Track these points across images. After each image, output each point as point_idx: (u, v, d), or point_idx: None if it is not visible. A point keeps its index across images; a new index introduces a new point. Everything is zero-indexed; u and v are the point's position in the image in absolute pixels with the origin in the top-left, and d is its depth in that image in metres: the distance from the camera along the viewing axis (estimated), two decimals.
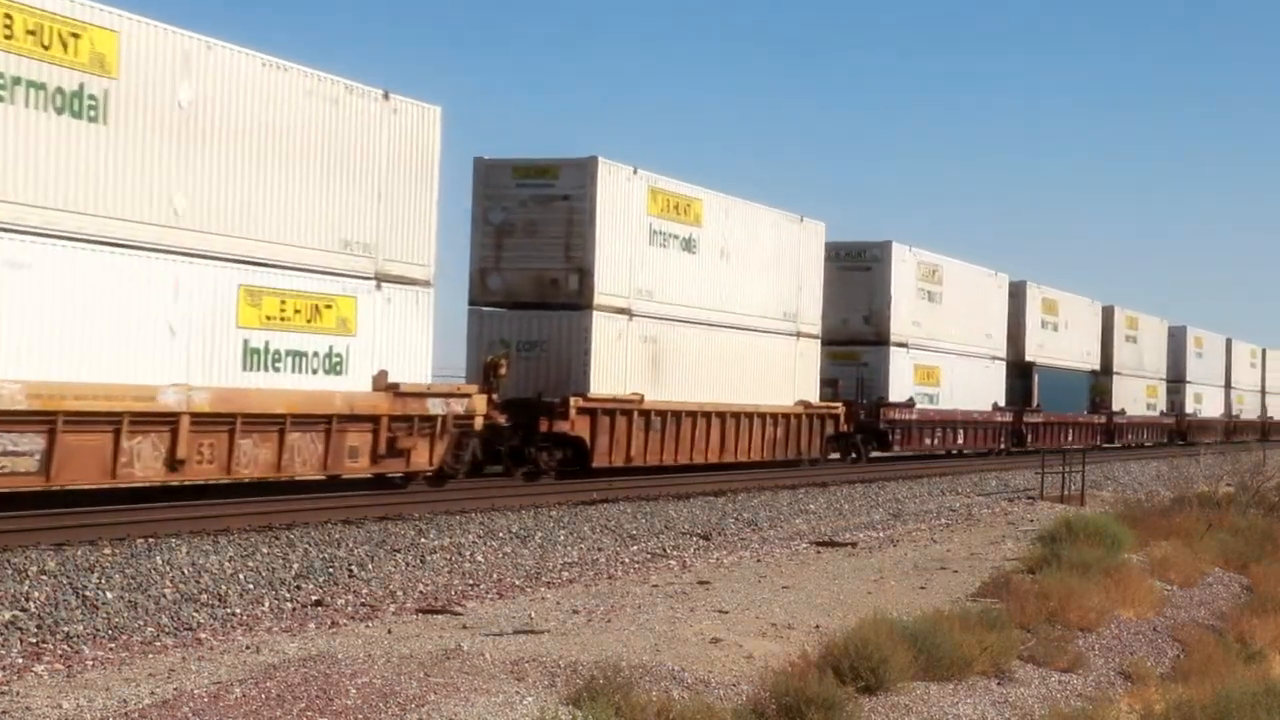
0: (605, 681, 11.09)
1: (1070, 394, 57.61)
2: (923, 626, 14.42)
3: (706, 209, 32.79)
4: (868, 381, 41.16)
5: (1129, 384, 65.55)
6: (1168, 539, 25.81)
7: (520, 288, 29.10)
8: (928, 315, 44.54)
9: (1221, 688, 14.36)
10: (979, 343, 48.63)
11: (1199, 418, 76.90)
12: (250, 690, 10.63)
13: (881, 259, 42.28)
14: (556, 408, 27.69)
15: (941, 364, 45.33)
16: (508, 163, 29.37)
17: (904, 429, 42.39)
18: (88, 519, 18.15)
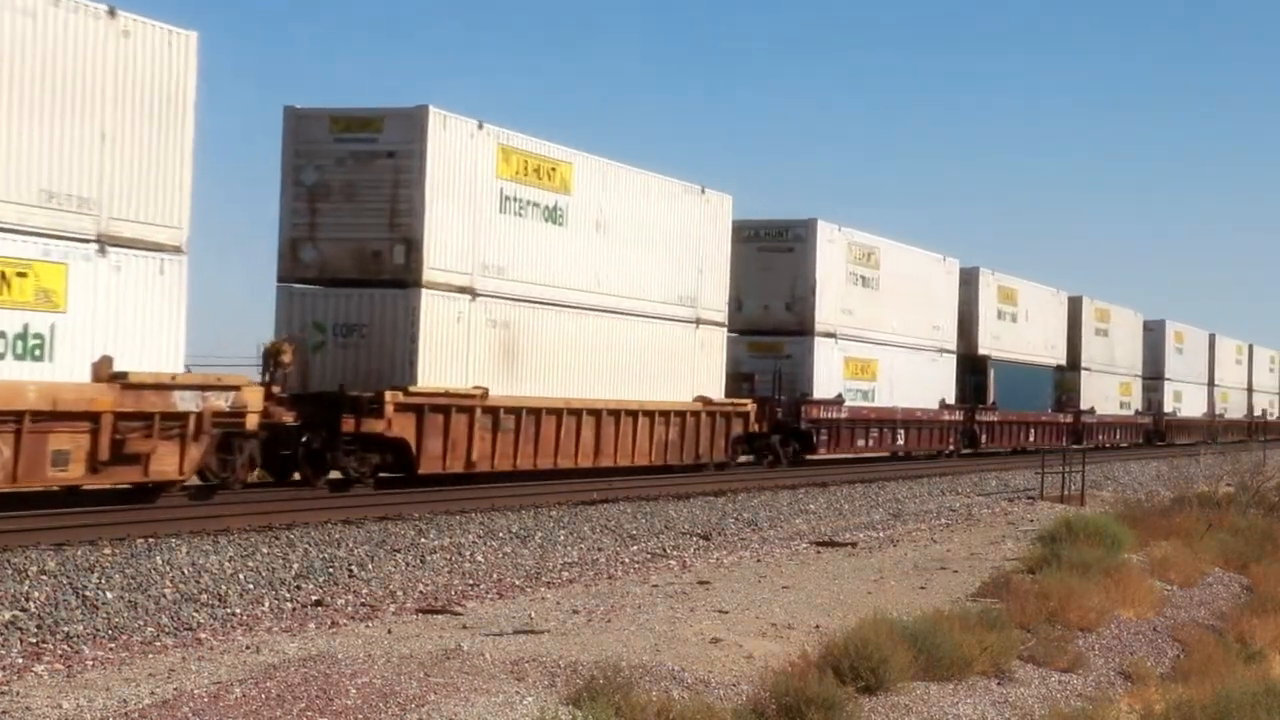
0: (605, 681, 11.09)
1: (1032, 391, 53.58)
2: (923, 626, 14.42)
3: (578, 174, 28.06)
4: (788, 375, 36.70)
5: (1100, 380, 61.26)
6: (1168, 539, 25.82)
7: (338, 261, 24.62)
8: (862, 302, 40.21)
9: (1221, 688, 14.36)
10: (924, 334, 44.37)
11: (1179, 417, 73.38)
12: (250, 690, 10.63)
13: (805, 239, 37.76)
14: (366, 403, 23.10)
15: (879, 357, 41.13)
16: (323, 113, 24.89)
17: (831, 429, 38.21)
18: (88, 519, 18.14)
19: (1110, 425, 62.59)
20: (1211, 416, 79.07)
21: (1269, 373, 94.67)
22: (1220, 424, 79.96)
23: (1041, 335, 54.82)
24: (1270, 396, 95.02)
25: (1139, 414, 66.95)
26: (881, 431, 41.43)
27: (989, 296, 50.36)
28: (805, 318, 37.67)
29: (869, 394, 40.52)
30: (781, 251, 37.79)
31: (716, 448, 32.74)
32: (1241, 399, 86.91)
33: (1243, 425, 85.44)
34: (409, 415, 23.71)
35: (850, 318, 39.49)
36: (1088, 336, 59.75)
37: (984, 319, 49.85)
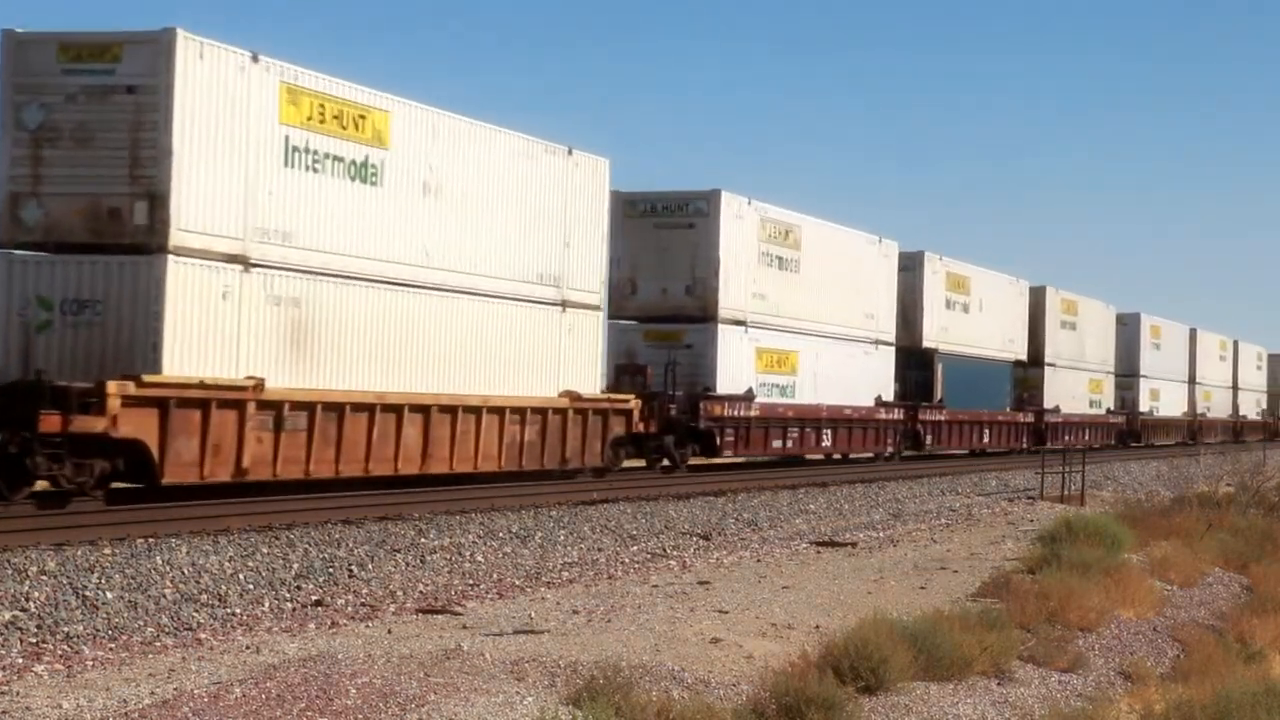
0: (605, 681, 11.09)
1: (987, 388, 49.48)
2: (923, 626, 14.42)
3: (396, 124, 23.67)
4: (687, 368, 32.61)
5: (1066, 377, 56.89)
6: (1168, 539, 25.82)
7: (67, 222, 20.11)
8: (778, 286, 35.73)
9: (1221, 688, 14.36)
10: (856, 324, 39.82)
11: (1156, 416, 69.07)
12: (250, 690, 10.63)
13: (708, 213, 33.13)
14: (79, 396, 18.64)
15: (799, 348, 36.56)
16: (51, 38, 20.41)
17: (739, 428, 33.82)
18: (88, 519, 18.15)
19: (1077, 425, 58.21)
20: (1192, 416, 75.26)
21: (1256, 370, 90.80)
22: (1202, 424, 76.32)
23: (998, 327, 50.62)
24: (1256, 395, 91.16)
25: (1111, 413, 62.80)
26: (804, 431, 37.12)
27: (935, 283, 46.04)
28: (708, 302, 33.32)
29: (788, 389, 36.26)
30: (681, 228, 33.32)
31: (590, 451, 28.24)
32: (1225, 398, 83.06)
33: (1227, 425, 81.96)
34: (148, 411, 19.28)
35: (763, 303, 35.11)
36: (1052, 329, 55.73)
37: (929, 308, 45.44)
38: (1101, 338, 61.94)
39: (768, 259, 35.50)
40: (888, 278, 42.12)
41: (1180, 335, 74.21)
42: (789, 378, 36.36)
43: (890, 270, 42.40)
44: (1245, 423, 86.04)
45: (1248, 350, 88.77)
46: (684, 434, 32.29)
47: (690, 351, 33.01)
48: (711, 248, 33.32)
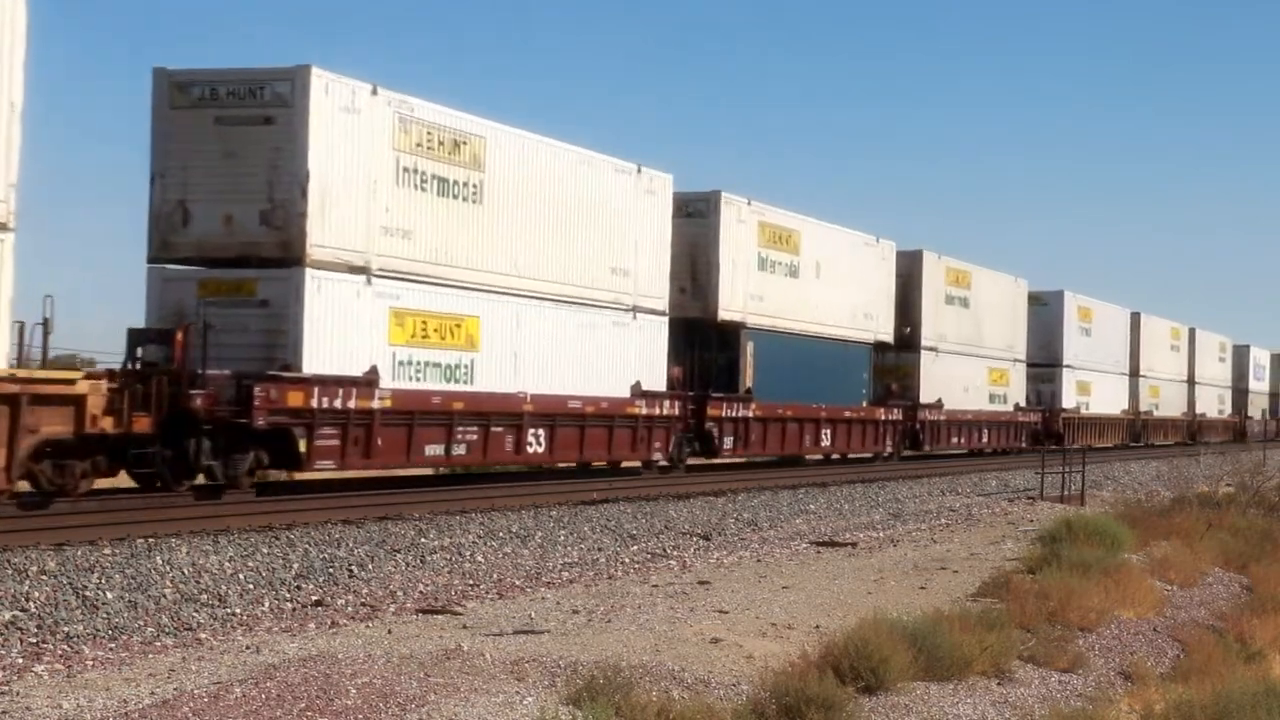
0: (605, 681, 11.09)
1: (830, 376, 38.81)
2: (923, 626, 14.41)
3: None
4: (258, 335, 22.27)
5: (953, 365, 46.71)
6: (1168, 539, 25.81)
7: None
8: (435, 222, 24.44)
9: (1221, 688, 14.36)
10: (590, 282, 28.46)
11: (1085, 414, 58.78)
12: (250, 690, 10.63)
13: (292, 103, 22.28)
14: None
15: (480, 312, 25.40)
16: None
17: (340, 427, 22.41)
18: (88, 519, 18.15)
19: (969, 424, 48.01)
20: (1135, 413, 65.72)
21: (1217, 362, 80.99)
22: (1147, 423, 67.39)
23: (849, 300, 39.94)
24: (1218, 391, 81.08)
25: (1021, 409, 52.91)
26: (488, 432, 25.56)
27: (743, 238, 34.71)
28: (292, 236, 22.27)
29: (459, 371, 25.04)
30: (255, 124, 22.49)
31: None
32: (1178, 393, 73.11)
33: (1180, 424, 73.00)
34: None
35: (406, 245, 23.91)
36: (933, 305, 45.60)
37: (733, 268, 34.21)
38: (1007, 319, 51.75)
39: (413, 180, 23.93)
40: (651, 224, 30.51)
41: (1118, 320, 64.55)
42: (462, 354, 25.06)
43: (660, 212, 30.86)
44: (1203, 422, 76.55)
45: (1207, 340, 78.60)
46: (234, 437, 21.15)
47: (265, 311, 22.35)
48: (300, 153, 22.20)
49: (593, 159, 28.89)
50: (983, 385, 49.70)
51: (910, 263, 44.79)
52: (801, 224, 37.94)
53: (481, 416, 25.47)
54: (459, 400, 24.88)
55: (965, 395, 47.59)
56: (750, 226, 35.14)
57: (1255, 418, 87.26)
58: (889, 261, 43.18)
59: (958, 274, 47.76)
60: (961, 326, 47.74)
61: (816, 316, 38.53)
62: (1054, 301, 57.35)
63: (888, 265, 43.08)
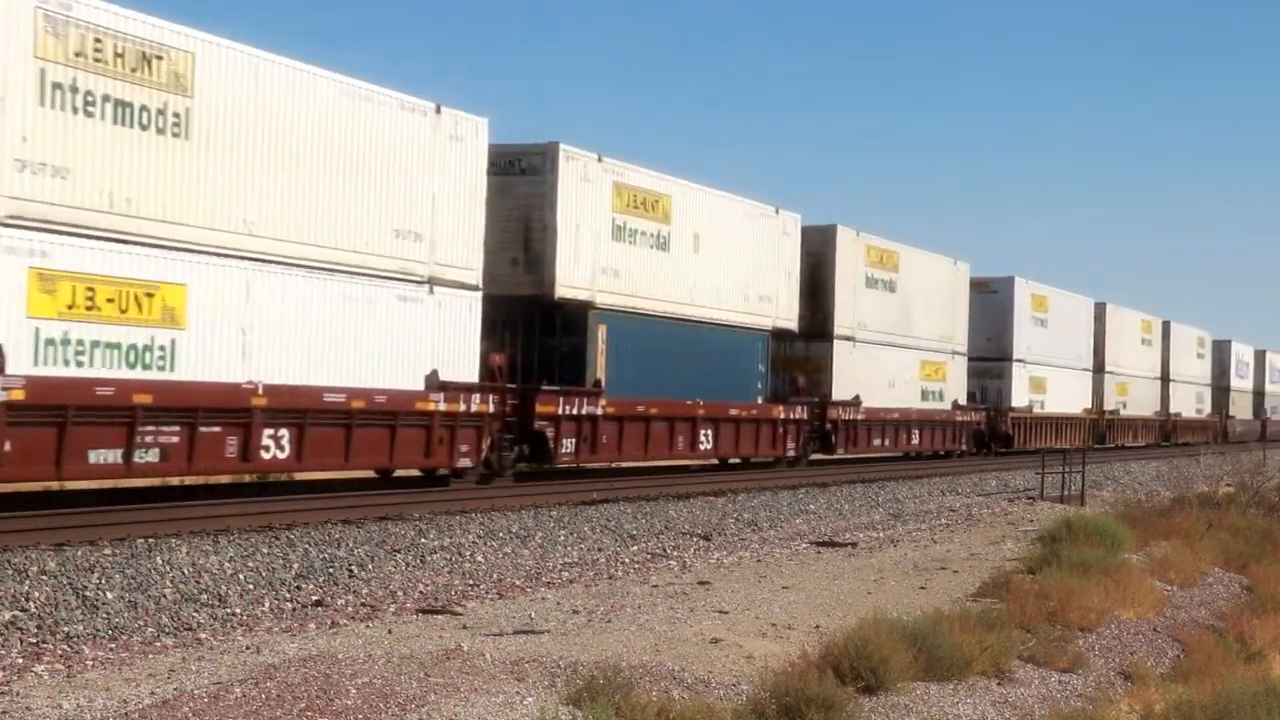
0: (605, 681, 11.09)
1: (717, 368, 32.83)
2: (923, 626, 14.41)
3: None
4: None
5: (875, 357, 40.64)
6: (1168, 539, 25.81)
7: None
8: (105, 156, 18.46)
9: (1221, 688, 14.35)
10: (364, 246, 22.71)
11: (1039, 413, 52.90)
12: (250, 690, 10.63)
13: None
14: None
15: (184, 278, 19.51)
16: None
17: None
18: (88, 519, 18.14)
19: (895, 423, 41.51)
20: (1099, 412, 59.81)
21: (1196, 359, 75.37)
22: (1114, 422, 61.59)
23: (735, 279, 33.72)
24: (1196, 389, 75.51)
25: (961, 408, 46.51)
26: (193, 431, 19.45)
27: (592, 201, 28.38)
28: None
29: (152, 353, 19.08)
30: None
31: None
32: (1150, 391, 67.52)
33: (1151, 425, 67.31)
34: None
35: (57, 186, 17.83)
36: (850, 289, 39.45)
37: (574, 236, 27.80)
38: (945, 306, 45.59)
39: (81, 102, 18.10)
40: (465, 177, 24.99)
41: (1079, 310, 58.61)
42: (157, 332, 19.16)
43: (470, 164, 25.21)
44: (1178, 422, 70.99)
45: (1184, 334, 72.78)
46: None
47: None
48: None
49: (371, 93, 22.88)
50: (913, 380, 43.21)
51: (821, 240, 38.26)
52: (674, 187, 31.12)
53: (184, 413, 19.29)
54: (145, 391, 18.70)
55: (891, 391, 41.40)
56: (601, 187, 28.74)
57: (1238, 417, 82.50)
58: (793, 237, 36.62)
59: (882, 254, 41.26)
60: (886, 313, 41.33)
61: (695, 298, 32.07)
62: (1003, 288, 51.23)
63: (791, 241, 36.51)
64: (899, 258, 42.42)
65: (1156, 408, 68.29)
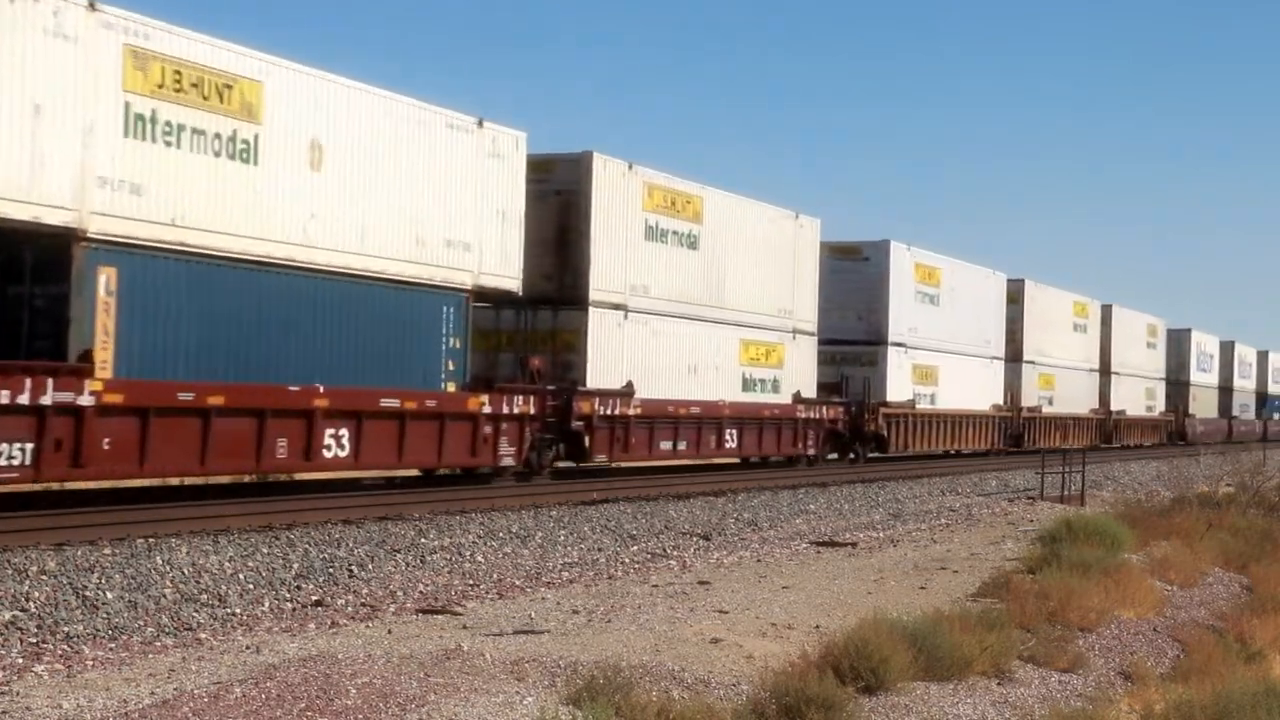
0: (605, 681, 11.09)
1: (362, 339, 23.14)
2: (923, 626, 14.41)
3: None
4: None
5: (662, 333, 30.78)
6: (1168, 539, 25.81)
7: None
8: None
9: (1221, 688, 14.35)
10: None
11: (926, 409, 43.61)
12: (250, 690, 10.63)
13: None
14: None
15: None
16: None
17: None
18: (88, 519, 18.16)
19: (695, 421, 31.47)
20: (1013, 409, 50.94)
21: (1145, 349, 67.15)
22: (1033, 421, 52.87)
23: (397, 213, 23.69)
24: (1146, 383, 67.30)
25: (808, 402, 36.63)
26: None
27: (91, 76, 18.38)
28: None
29: None
30: None
31: None
32: (1085, 385, 59.06)
33: (1086, 423, 58.56)
34: None
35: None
36: (616, 242, 29.17)
37: (56, 127, 18.02)
38: (781, 273, 35.79)
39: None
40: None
41: (986, 287, 49.04)
42: None
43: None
44: (1122, 421, 62.73)
45: (1129, 320, 64.70)
46: None
47: None
48: None
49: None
50: (731, 366, 33.50)
51: (572, 172, 28.43)
52: (266, 70, 21.08)
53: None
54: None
55: (693, 378, 31.77)
56: (109, 53, 18.71)
57: (1199, 416, 74.08)
58: (509, 161, 25.89)
59: (674, 197, 31.10)
60: (681, 277, 31.46)
61: (313, 236, 21.98)
62: (877, 256, 41.80)
63: (507, 168, 25.75)
64: (702, 204, 32.29)
65: (1094, 404, 59.88)
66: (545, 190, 28.05)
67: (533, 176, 27.07)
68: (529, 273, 26.98)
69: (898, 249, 42.70)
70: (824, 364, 39.20)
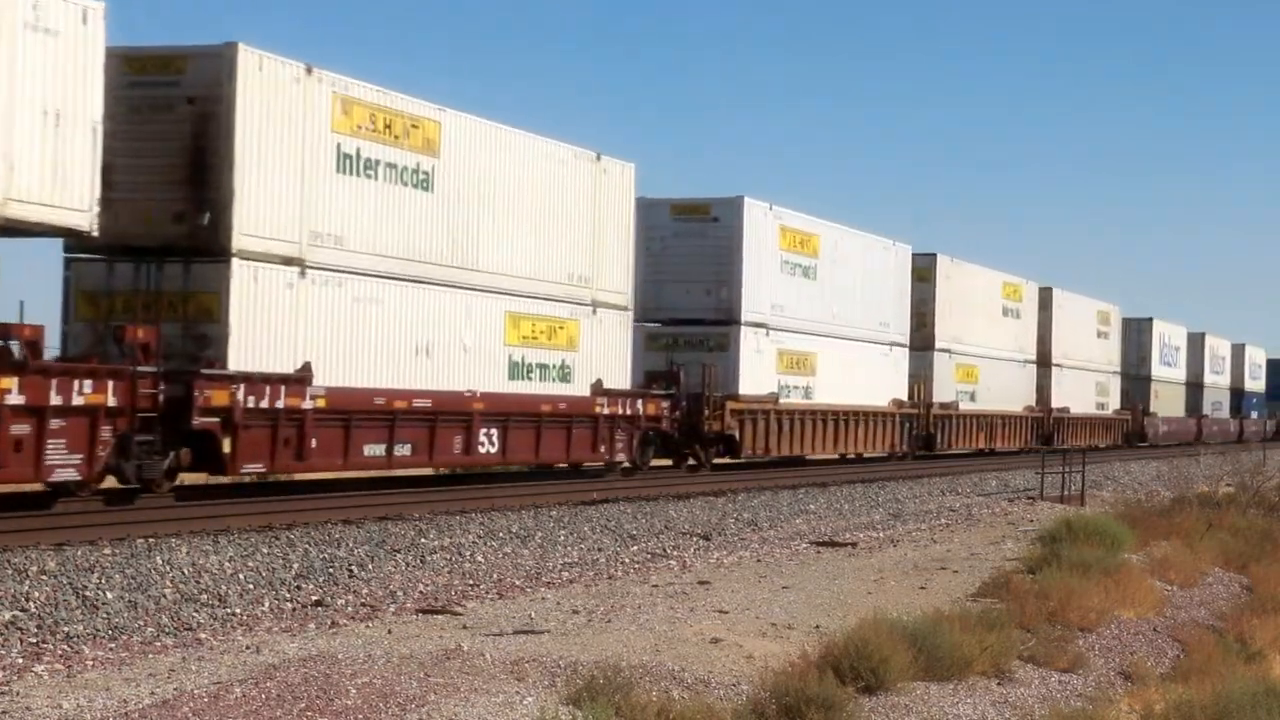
0: (605, 681, 11.09)
1: None
2: (923, 626, 14.42)
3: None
4: None
5: (368, 299, 23.26)
6: (1168, 539, 25.82)
7: None
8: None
9: (1221, 688, 14.36)
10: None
11: (797, 404, 36.33)
12: (250, 690, 10.63)
13: None
14: None
15: None
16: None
17: None
18: (88, 519, 18.16)
19: (407, 418, 23.74)
20: (919, 406, 43.46)
21: (1096, 339, 59.81)
22: (947, 419, 45.53)
23: None
24: (1096, 378, 59.75)
25: (612, 395, 29.14)
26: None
27: None
28: None
29: None
30: None
31: None
32: (1018, 379, 51.10)
33: (1018, 422, 50.70)
34: None
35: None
36: (289, 175, 21.68)
37: None
38: (579, 231, 28.57)
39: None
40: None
41: (881, 261, 40.86)
42: None
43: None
44: (1064, 420, 54.81)
45: (1074, 305, 57.13)
46: None
47: None
48: None
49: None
50: (490, 346, 26.23)
51: (209, 72, 20.90)
52: None
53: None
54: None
55: (420, 362, 24.40)
56: None
57: (1161, 415, 66.80)
58: (66, 39, 17.79)
59: (387, 118, 23.48)
60: (402, 226, 23.97)
61: None
62: (728, 215, 33.55)
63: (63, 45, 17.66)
64: (439, 130, 24.45)
65: (1029, 400, 52.13)
66: (170, 97, 20.88)
67: (151, 78, 20.85)
68: (143, 211, 20.51)
69: (754, 207, 34.05)
70: (660, 349, 33.10)
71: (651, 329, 33.59)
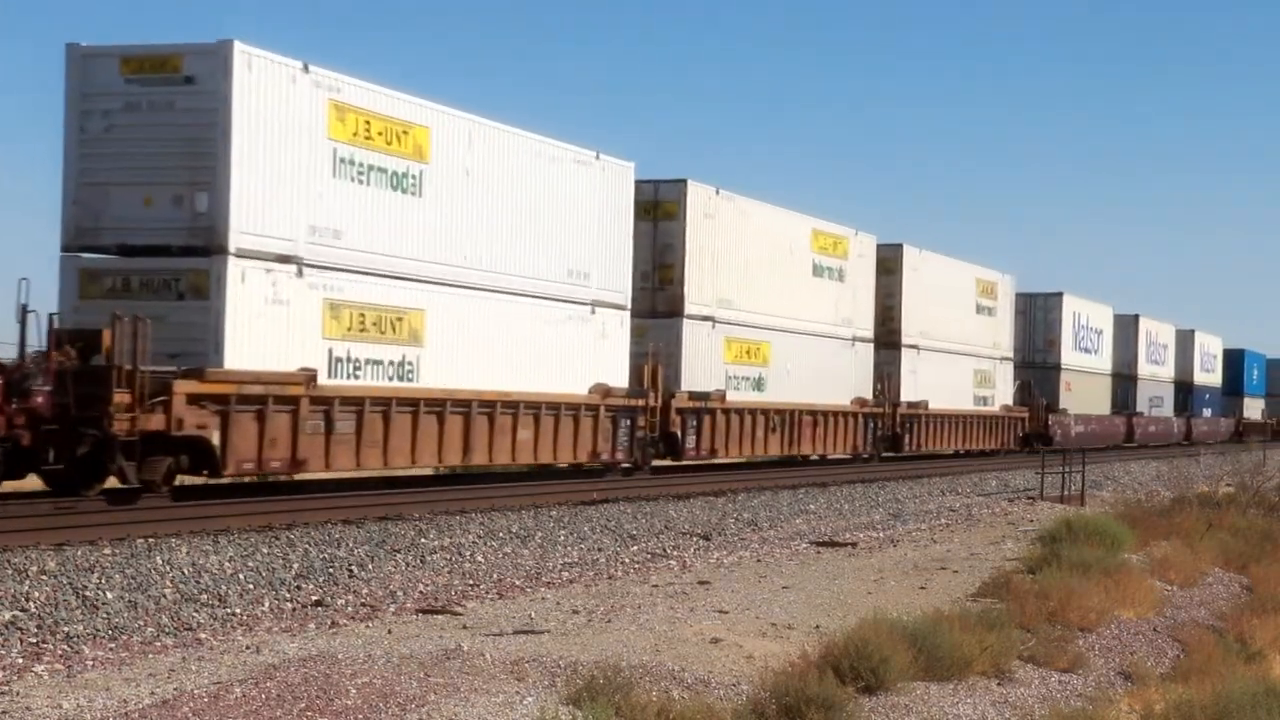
0: (605, 681, 11.09)
1: None
2: (923, 626, 14.42)
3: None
4: None
5: None
6: (1168, 539, 25.82)
7: None
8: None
9: (1221, 688, 14.36)
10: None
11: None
12: (250, 690, 10.63)
13: None
14: None
15: None
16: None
17: None
18: (88, 519, 18.17)
19: None
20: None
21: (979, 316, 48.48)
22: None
23: None
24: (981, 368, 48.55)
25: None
26: None
27: None
28: None
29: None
30: None
31: None
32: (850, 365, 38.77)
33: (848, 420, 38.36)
34: None
35: None
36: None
37: None
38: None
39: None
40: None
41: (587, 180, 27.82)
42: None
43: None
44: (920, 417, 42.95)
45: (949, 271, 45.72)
46: None
47: None
48: None
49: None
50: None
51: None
52: None
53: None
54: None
55: None
56: None
57: (1074, 413, 55.90)
58: None
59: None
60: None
61: None
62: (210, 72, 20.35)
63: None
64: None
65: (862, 392, 39.45)
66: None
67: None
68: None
69: (262, 60, 20.83)
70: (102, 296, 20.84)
71: (89, 263, 21.25)
